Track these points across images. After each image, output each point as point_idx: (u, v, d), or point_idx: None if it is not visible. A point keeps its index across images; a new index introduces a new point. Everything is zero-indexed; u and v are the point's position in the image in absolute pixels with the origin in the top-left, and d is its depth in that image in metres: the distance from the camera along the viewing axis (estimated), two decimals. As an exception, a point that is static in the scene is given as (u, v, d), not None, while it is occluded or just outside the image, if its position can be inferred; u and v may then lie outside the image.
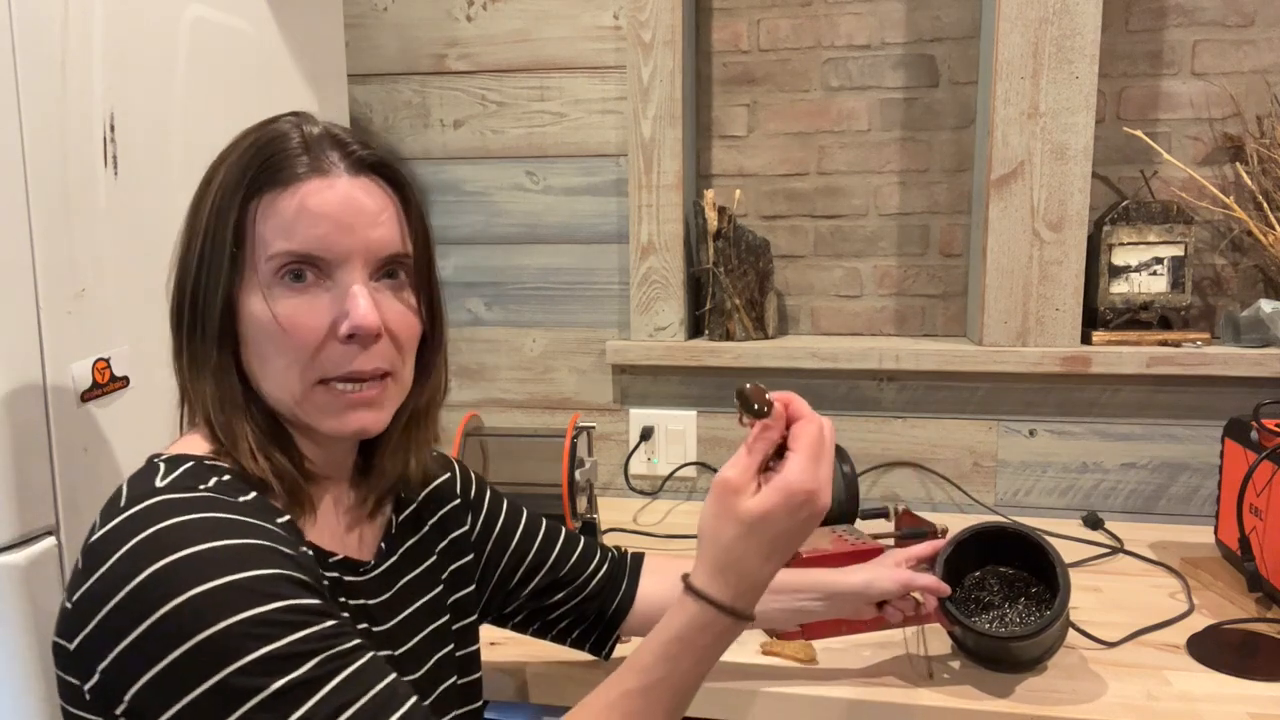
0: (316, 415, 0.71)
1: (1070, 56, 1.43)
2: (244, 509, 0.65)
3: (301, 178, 0.69)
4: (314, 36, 1.39)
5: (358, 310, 0.68)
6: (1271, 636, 1.11)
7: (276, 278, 0.69)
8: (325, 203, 0.68)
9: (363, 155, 0.71)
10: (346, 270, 0.69)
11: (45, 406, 0.90)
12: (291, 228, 0.68)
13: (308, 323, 0.68)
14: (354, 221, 0.69)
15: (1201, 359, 1.44)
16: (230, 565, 0.60)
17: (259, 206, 0.69)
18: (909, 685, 1.01)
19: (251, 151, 0.70)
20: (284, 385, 0.70)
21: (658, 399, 1.68)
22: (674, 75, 1.56)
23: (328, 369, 0.69)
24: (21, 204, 0.88)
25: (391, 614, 0.80)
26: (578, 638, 0.99)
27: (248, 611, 0.58)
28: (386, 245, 0.71)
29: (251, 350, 0.70)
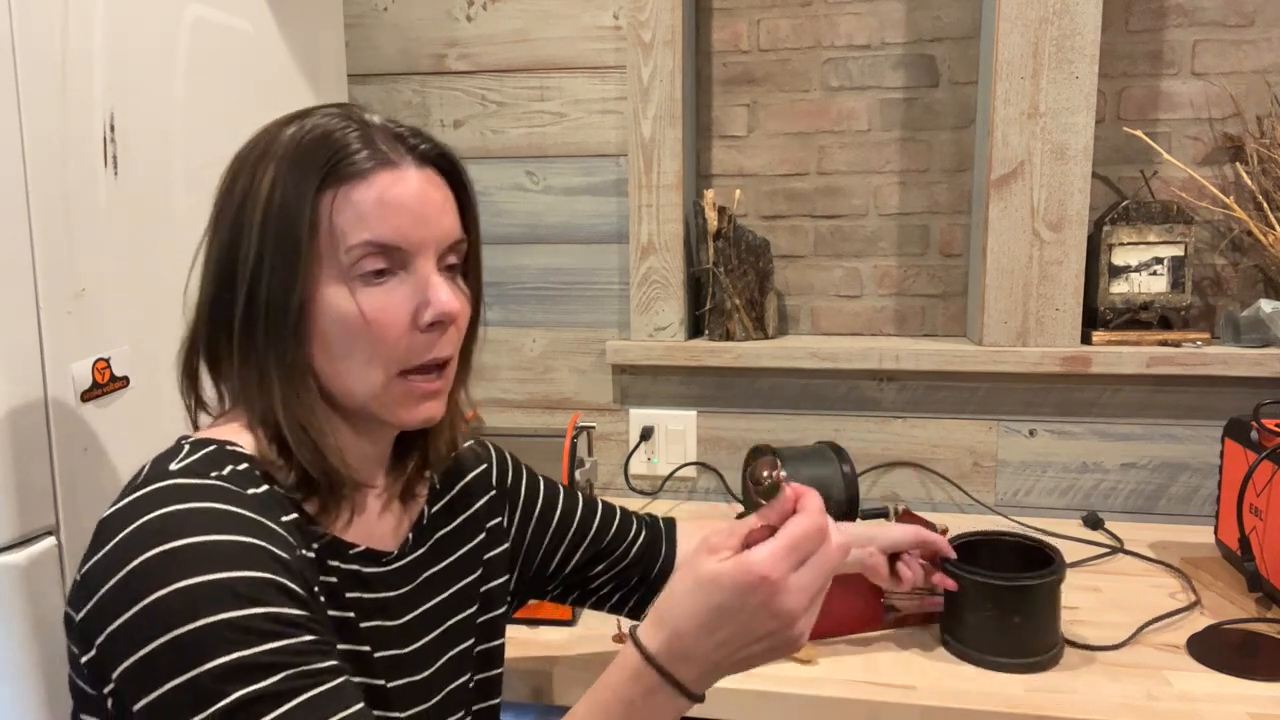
0: (392, 407, 0.72)
1: (1070, 56, 1.43)
2: (250, 502, 0.65)
3: (373, 170, 0.70)
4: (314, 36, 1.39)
5: (440, 298, 0.70)
6: (1271, 636, 1.11)
7: (355, 271, 0.69)
8: (402, 195, 0.70)
9: (425, 149, 0.74)
10: (422, 260, 0.71)
11: (45, 406, 0.90)
12: (371, 219, 0.69)
13: (392, 315, 0.70)
14: (428, 212, 0.71)
15: (1201, 359, 1.44)
16: (222, 562, 0.60)
17: (334, 199, 0.69)
18: (909, 685, 1.01)
19: (310, 143, 0.69)
20: (365, 379, 0.71)
21: (658, 399, 1.68)
22: (674, 75, 1.56)
23: (411, 358, 0.71)
24: (21, 204, 0.88)
25: (409, 608, 0.80)
26: (617, 603, 1.01)
27: (228, 613, 0.58)
28: (452, 234, 0.74)
29: (326, 346, 0.70)
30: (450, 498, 0.88)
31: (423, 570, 0.82)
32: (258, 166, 0.70)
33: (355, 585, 0.75)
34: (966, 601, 1.07)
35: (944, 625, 1.11)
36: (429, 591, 0.82)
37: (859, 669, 1.05)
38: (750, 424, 1.65)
